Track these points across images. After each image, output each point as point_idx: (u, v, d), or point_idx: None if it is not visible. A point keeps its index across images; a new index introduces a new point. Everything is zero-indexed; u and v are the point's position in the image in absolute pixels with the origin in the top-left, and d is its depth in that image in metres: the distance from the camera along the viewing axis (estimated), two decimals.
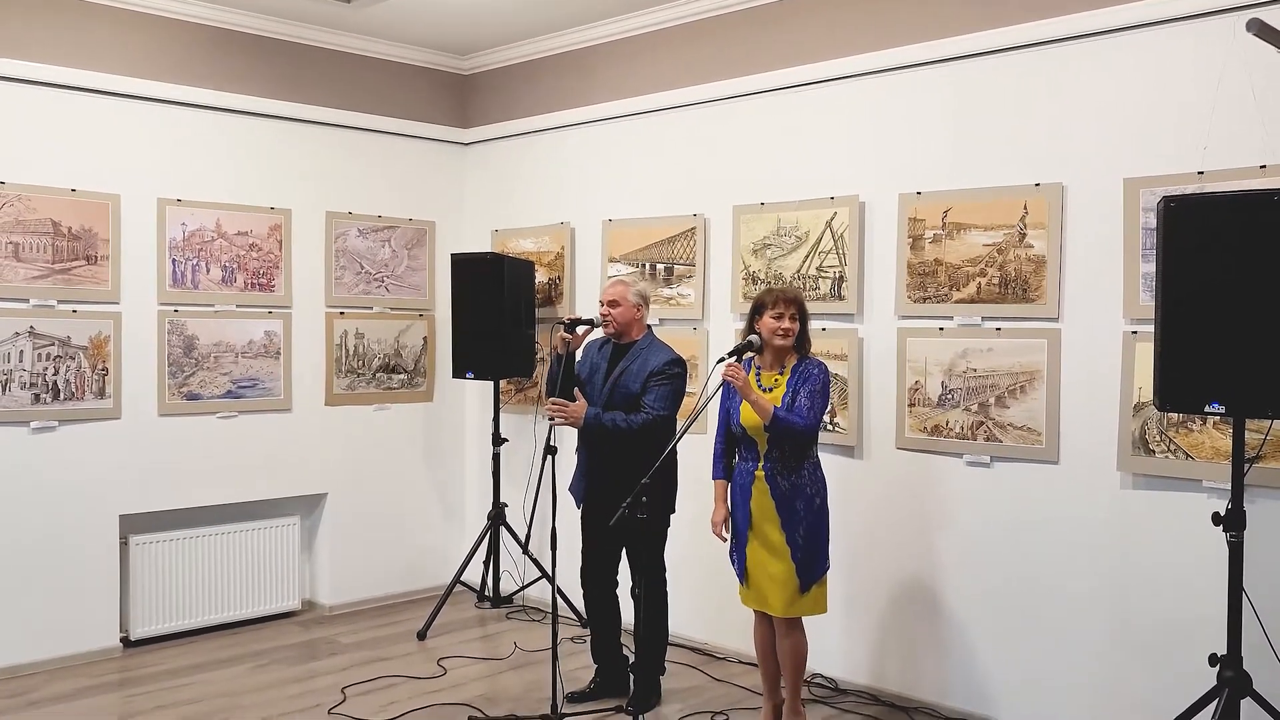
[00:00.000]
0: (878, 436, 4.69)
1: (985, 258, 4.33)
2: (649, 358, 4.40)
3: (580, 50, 5.89)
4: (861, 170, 4.74)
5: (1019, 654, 4.27)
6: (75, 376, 5.08)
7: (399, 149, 6.30)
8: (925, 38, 4.49)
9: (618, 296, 4.48)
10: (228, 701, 4.62)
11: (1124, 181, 3.95)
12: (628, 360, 4.44)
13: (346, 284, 6.07)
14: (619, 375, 4.42)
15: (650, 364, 4.38)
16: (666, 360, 4.39)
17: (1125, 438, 3.97)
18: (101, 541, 5.20)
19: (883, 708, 4.57)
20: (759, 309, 4.03)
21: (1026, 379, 4.23)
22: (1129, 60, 3.97)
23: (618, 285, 4.53)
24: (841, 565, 4.25)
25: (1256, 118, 3.61)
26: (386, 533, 6.25)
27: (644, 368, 4.38)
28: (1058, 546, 4.16)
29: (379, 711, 4.50)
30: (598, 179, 5.87)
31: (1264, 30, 2.89)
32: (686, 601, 5.14)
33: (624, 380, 4.40)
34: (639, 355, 4.43)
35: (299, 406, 5.89)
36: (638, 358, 4.42)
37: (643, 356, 4.42)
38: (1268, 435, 3.57)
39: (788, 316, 3.96)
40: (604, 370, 4.49)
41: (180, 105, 5.41)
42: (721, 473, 4.15)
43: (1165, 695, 3.72)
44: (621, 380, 4.40)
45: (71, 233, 5.06)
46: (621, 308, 4.47)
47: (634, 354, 4.45)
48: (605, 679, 4.66)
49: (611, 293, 4.50)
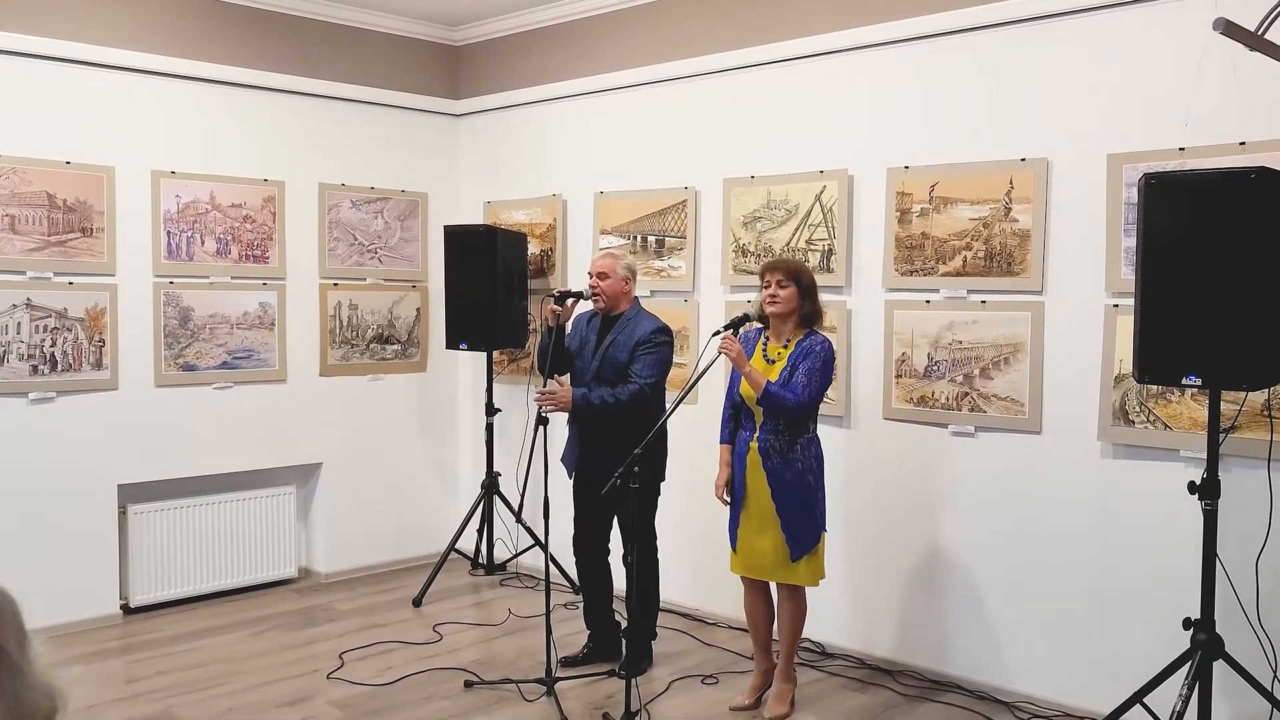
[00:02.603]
0: (865, 407, 4.78)
1: (971, 231, 4.40)
2: (636, 328, 4.48)
3: (572, 22, 5.91)
4: (851, 144, 4.79)
5: (1002, 618, 4.38)
6: (72, 348, 5.13)
7: (391, 121, 6.32)
8: (915, 13, 4.53)
9: (606, 269, 4.54)
10: (228, 667, 4.72)
11: (1107, 157, 4.01)
12: (615, 331, 4.51)
13: (340, 255, 6.12)
14: (608, 346, 4.49)
15: (637, 333, 4.45)
16: (653, 329, 4.46)
17: (1106, 408, 4.06)
18: (100, 511, 5.27)
19: (869, 671, 4.68)
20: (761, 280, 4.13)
21: (1010, 351, 4.31)
22: (1113, 37, 4.02)
23: (606, 258, 4.59)
24: (831, 532, 4.34)
25: (1237, 94, 3.67)
26: (381, 501, 6.33)
27: (631, 337, 4.45)
28: (1040, 514, 4.26)
29: (376, 676, 4.60)
30: (590, 151, 5.91)
31: (1230, 28, 2.96)
32: (678, 568, 5.24)
33: (612, 351, 4.47)
34: (627, 326, 4.51)
35: (294, 377, 5.95)
36: (625, 328, 4.50)
37: (630, 327, 4.49)
38: (1243, 406, 3.66)
39: (774, 284, 4.04)
40: (593, 343, 4.57)
41: (174, 78, 5.43)
42: (727, 437, 4.23)
43: (1143, 657, 3.83)
44: (610, 351, 4.48)
45: (67, 205, 5.10)
46: (610, 280, 4.53)
47: (622, 325, 4.52)
48: (598, 644, 4.77)
49: (601, 265, 4.57)
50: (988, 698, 4.35)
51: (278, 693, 4.44)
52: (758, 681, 4.31)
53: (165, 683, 4.53)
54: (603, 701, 4.33)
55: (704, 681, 4.56)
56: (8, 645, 1.37)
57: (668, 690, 4.47)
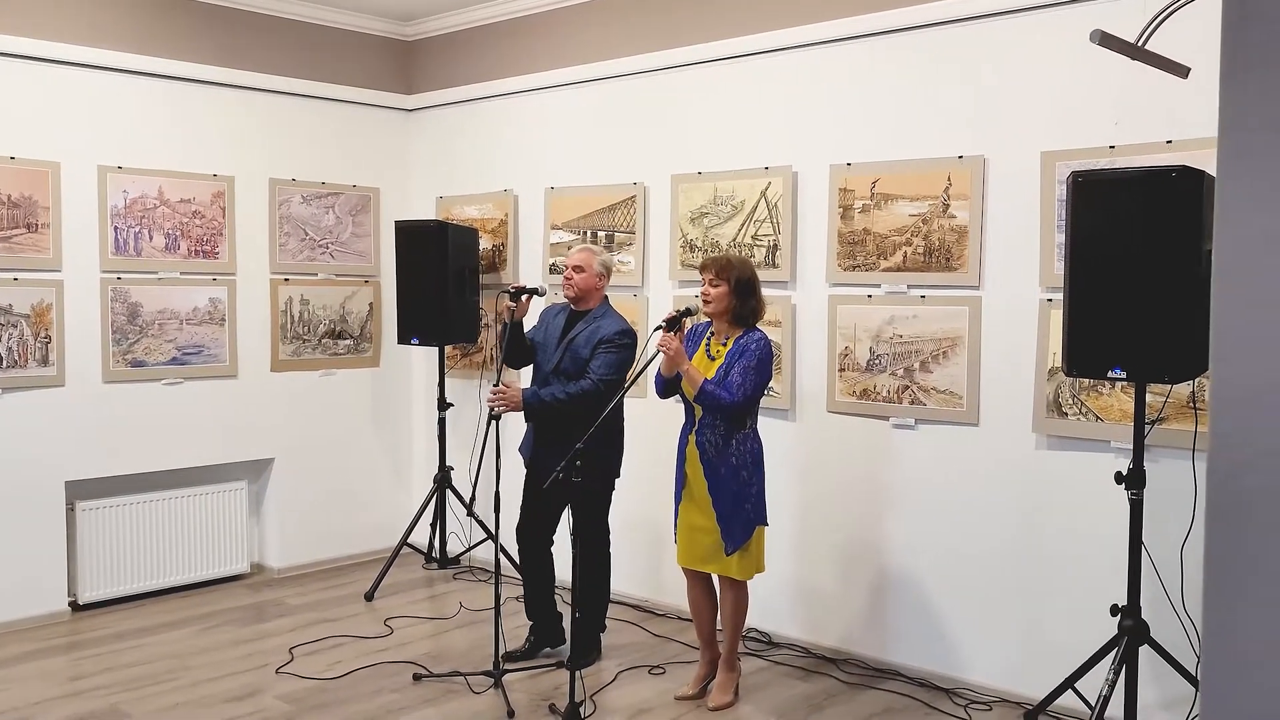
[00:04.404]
0: (810, 400, 4.85)
1: (911, 228, 4.48)
2: (601, 326, 4.52)
3: (523, 18, 5.93)
4: (795, 141, 4.85)
5: (941, 605, 4.47)
6: (18, 344, 5.10)
7: (342, 115, 6.32)
8: (857, 11, 4.60)
9: (582, 262, 4.58)
10: (176, 663, 4.72)
11: (1041, 155, 4.10)
12: (581, 326, 4.56)
13: (291, 250, 6.11)
14: (571, 340, 4.53)
15: (601, 331, 4.49)
16: (618, 330, 4.50)
17: (1040, 401, 4.15)
18: (48, 507, 5.25)
19: (814, 660, 4.76)
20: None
21: (949, 345, 4.39)
22: (1048, 36, 4.11)
23: (585, 252, 4.63)
24: (775, 524, 4.41)
25: (1163, 94, 3.76)
26: (334, 496, 6.34)
27: (595, 334, 4.49)
28: (977, 503, 4.35)
29: (325, 670, 4.62)
30: (541, 147, 5.94)
31: (1106, 39, 3.05)
32: (628, 560, 5.29)
33: (575, 346, 4.52)
34: (593, 322, 4.55)
35: (245, 372, 5.94)
36: (591, 324, 4.54)
37: (596, 324, 4.54)
38: (1168, 398, 3.76)
39: (707, 281, 4.10)
40: (558, 336, 4.60)
41: (120, 72, 5.40)
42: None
43: (1075, 643, 3.93)
44: (573, 345, 4.52)
45: (11, 200, 5.06)
46: (585, 274, 4.57)
47: (589, 320, 4.56)
48: (539, 636, 4.81)
49: (578, 258, 4.60)
50: (928, 684, 4.44)
51: (226, 688, 4.45)
52: (702, 671, 4.38)
53: (111, 679, 4.53)
54: (549, 693, 4.37)
55: (651, 672, 4.61)
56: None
57: (615, 681, 4.52)
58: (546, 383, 4.53)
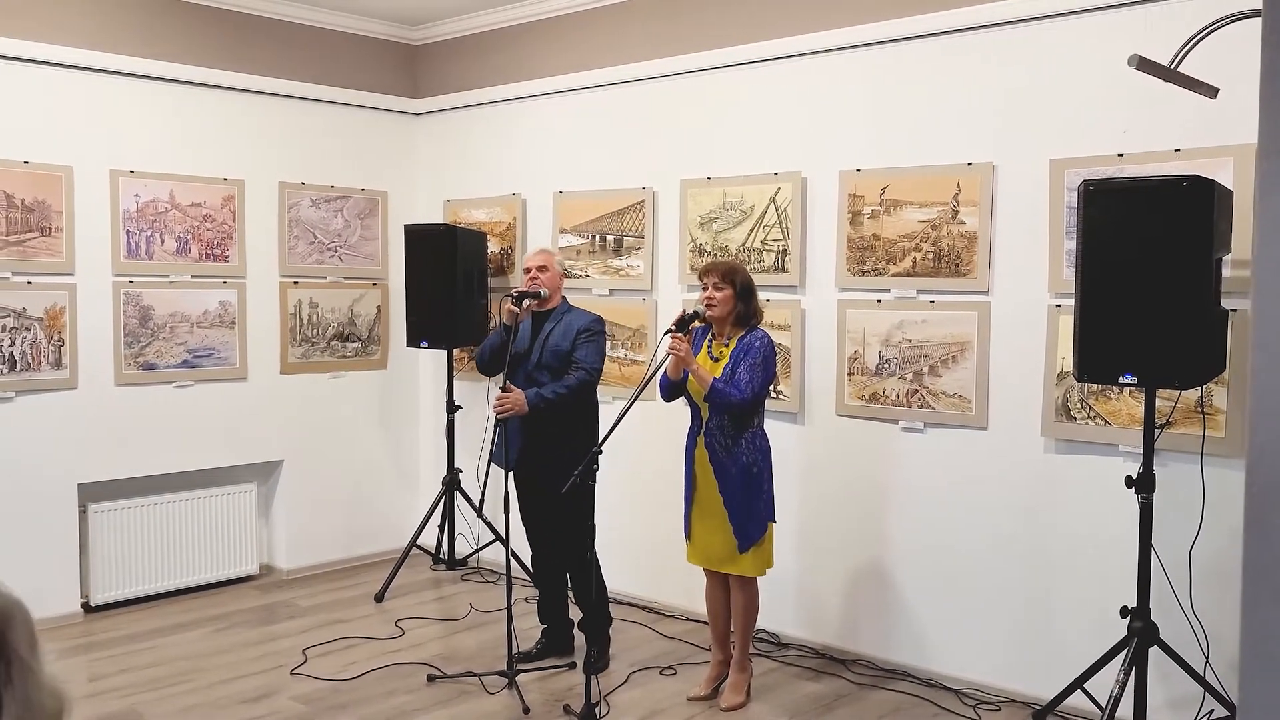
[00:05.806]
0: (819, 403, 4.90)
1: (920, 233, 4.52)
2: (574, 319, 4.64)
3: (532, 23, 5.97)
4: (805, 147, 4.90)
5: (950, 607, 4.52)
6: (31, 347, 5.13)
7: (351, 119, 6.35)
8: (867, 19, 4.64)
9: (545, 262, 4.70)
10: (190, 664, 4.75)
11: (1050, 162, 4.15)
12: (552, 322, 4.65)
13: (300, 254, 6.14)
14: (547, 336, 4.62)
15: (576, 324, 4.61)
16: (592, 319, 4.65)
17: (1049, 405, 4.20)
18: (61, 509, 5.28)
19: (823, 660, 4.81)
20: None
21: (958, 349, 4.44)
22: (1058, 46, 4.16)
23: (543, 253, 4.76)
24: (784, 526, 4.46)
25: (1171, 103, 3.81)
26: (343, 498, 6.37)
27: (571, 327, 4.61)
28: (986, 507, 4.40)
29: (339, 671, 4.66)
30: (549, 151, 5.98)
31: (1144, 64, 3.11)
32: (634, 561, 5.34)
33: (553, 341, 4.60)
34: (561, 318, 4.66)
35: (254, 375, 5.97)
36: (562, 320, 4.65)
37: (567, 319, 4.65)
38: (1177, 403, 3.82)
39: (710, 285, 4.16)
40: (528, 337, 4.66)
41: (133, 77, 5.43)
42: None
43: (1084, 644, 3.98)
44: (550, 341, 4.61)
45: (25, 205, 5.09)
46: (550, 273, 4.69)
47: (557, 317, 4.67)
48: (551, 639, 4.85)
49: (539, 259, 4.71)
50: (936, 685, 4.49)
51: (241, 689, 4.48)
52: (714, 672, 4.42)
53: (128, 680, 4.56)
54: (563, 694, 4.41)
55: (662, 673, 4.66)
56: (20, 648, 1.40)
57: (627, 681, 4.57)
58: (532, 380, 4.57)
